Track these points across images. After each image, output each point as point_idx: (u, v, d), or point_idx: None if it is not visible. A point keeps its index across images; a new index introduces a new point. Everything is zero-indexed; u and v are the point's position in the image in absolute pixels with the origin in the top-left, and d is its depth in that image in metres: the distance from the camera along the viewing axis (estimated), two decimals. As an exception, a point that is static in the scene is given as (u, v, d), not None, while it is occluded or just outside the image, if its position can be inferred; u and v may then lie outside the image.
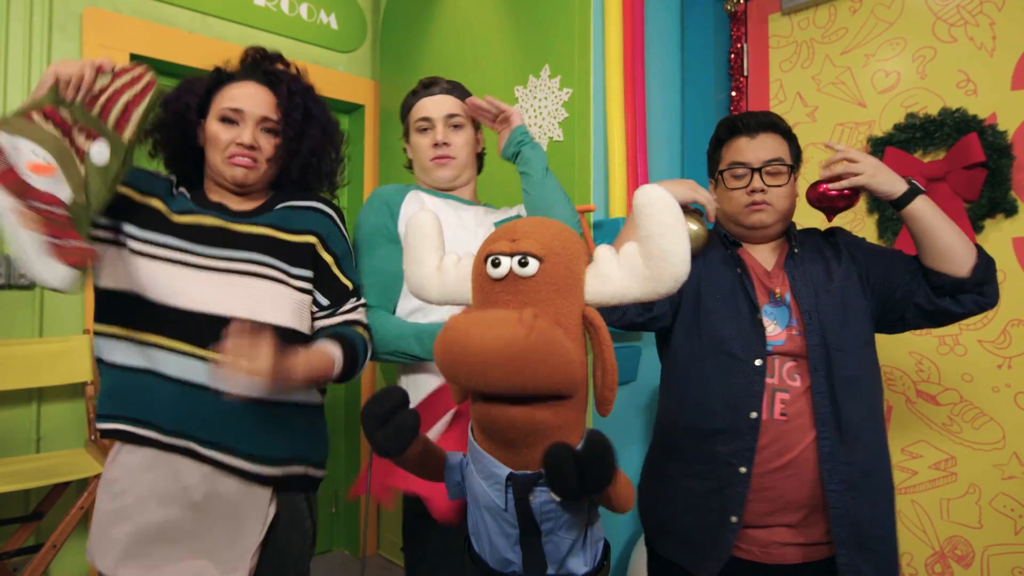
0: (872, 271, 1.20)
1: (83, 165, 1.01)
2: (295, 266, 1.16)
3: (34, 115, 0.99)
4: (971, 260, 1.11)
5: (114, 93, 1.05)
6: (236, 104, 1.15)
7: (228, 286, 1.09)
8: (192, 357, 1.06)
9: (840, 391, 1.11)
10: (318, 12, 2.79)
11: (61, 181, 0.98)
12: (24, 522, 2.01)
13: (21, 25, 2.11)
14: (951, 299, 1.13)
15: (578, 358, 0.65)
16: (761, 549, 1.15)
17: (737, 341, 1.17)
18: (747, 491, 1.13)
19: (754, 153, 1.20)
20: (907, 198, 1.12)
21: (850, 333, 1.14)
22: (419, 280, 0.77)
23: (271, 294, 1.12)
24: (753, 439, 1.13)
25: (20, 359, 2.03)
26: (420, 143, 1.38)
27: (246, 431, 1.08)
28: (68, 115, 1.02)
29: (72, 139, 1.02)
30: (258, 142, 1.16)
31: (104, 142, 1.03)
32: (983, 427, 1.73)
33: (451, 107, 1.37)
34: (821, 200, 1.21)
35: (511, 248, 0.67)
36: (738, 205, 1.22)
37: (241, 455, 1.08)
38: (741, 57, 2.23)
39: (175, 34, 2.39)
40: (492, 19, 2.28)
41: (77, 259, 0.95)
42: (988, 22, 1.75)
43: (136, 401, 1.08)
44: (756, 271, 1.23)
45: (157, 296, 1.07)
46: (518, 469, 0.69)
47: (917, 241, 1.14)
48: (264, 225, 1.16)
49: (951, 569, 1.77)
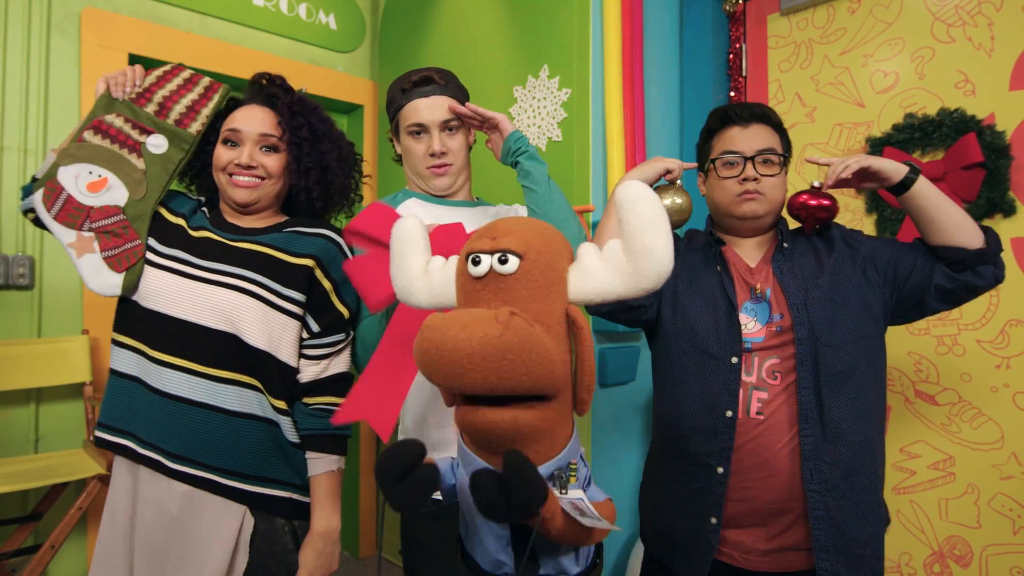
0: (878, 260, 1.17)
1: (141, 159, 1.19)
2: (287, 287, 1.14)
3: (85, 134, 1.17)
4: (980, 232, 1.11)
5: (172, 94, 1.23)
6: (234, 125, 1.19)
7: (211, 298, 1.10)
8: (173, 368, 1.09)
9: (826, 387, 1.10)
10: (317, 12, 2.79)
11: (116, 185, 1.16)
12: (23, 522, 2.01)
13: (19, 25, 2.11)
14: (972, 272, 1.11)
15: (558, 357, 0.64)
16: (742, 554, 1.13)
17: (713, 339, 1.16)
18: (725, 492, 1.12)
19: (747, 142, 1.19)
20: (911, 179, 1.11)
21: (840, 327, 1.13)
22: (406, 285, 0.76)
23: (250, 310, 1.11)
24: (729, 438, 1.12)
25: (19, 359, 2.03)
26: (414, 148, 1.32)
27: (219, 445, 1.09)
28: (116, 119, 1.19)
29: (126, 139, 1.19)
30: (258, 160, 1.17)
31: (161, 135, 1.20)
32: (982, 427, 1.74)
33: (446, 112, 1.29)
34: (801, 210, 1.19)
35: (491, 246, 0.67)
36: (730, 195, 1.20)
37: (213, 469, 1.08)
38: (740, 57, 2.23)
39: (174, 34, 2.39)
40: (491, 19, 2.28)
41: (125, 262, 1.13)
42: (986, 22, 1.76)
43: (124, 411, 1.12)
44: (738, 267, 1.22)
45: (149, 302, 1.12)
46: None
47: (927, 220, 1.12)
48: (264, 244, 1.17)
49: (950, 569, 1.77)
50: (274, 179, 1.20)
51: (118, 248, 1.12)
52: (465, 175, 1.38)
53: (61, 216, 1.13)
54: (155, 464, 1.08)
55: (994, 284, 1.13)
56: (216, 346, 1.09)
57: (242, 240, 1.17)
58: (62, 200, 1.13)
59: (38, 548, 1.88)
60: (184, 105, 1.21)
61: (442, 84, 1.30)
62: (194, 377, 1.09)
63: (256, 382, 1.12)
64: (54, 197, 1.13)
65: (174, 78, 1.24)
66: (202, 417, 1.08)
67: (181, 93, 1.23)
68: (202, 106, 1.22)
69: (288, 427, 1.14)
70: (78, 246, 1.12)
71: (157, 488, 1.09)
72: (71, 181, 1.14)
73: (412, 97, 1.30)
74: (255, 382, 1.12)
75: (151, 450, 1.09)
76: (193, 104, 1.22)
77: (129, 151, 1.18)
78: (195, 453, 1.08)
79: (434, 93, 1.29)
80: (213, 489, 1.09)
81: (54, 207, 1.13)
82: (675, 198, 1.25)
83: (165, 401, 1.09)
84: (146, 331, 1.11)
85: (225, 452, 1.09)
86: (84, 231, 1.13)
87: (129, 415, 1.11)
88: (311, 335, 1.18)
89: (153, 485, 1.09)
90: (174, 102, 1.21)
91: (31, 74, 2.12)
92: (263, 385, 1.12)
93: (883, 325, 1.18)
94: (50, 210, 1.13)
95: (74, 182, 1.14)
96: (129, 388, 1.12)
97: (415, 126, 1.30)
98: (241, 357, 1.10)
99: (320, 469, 1.16)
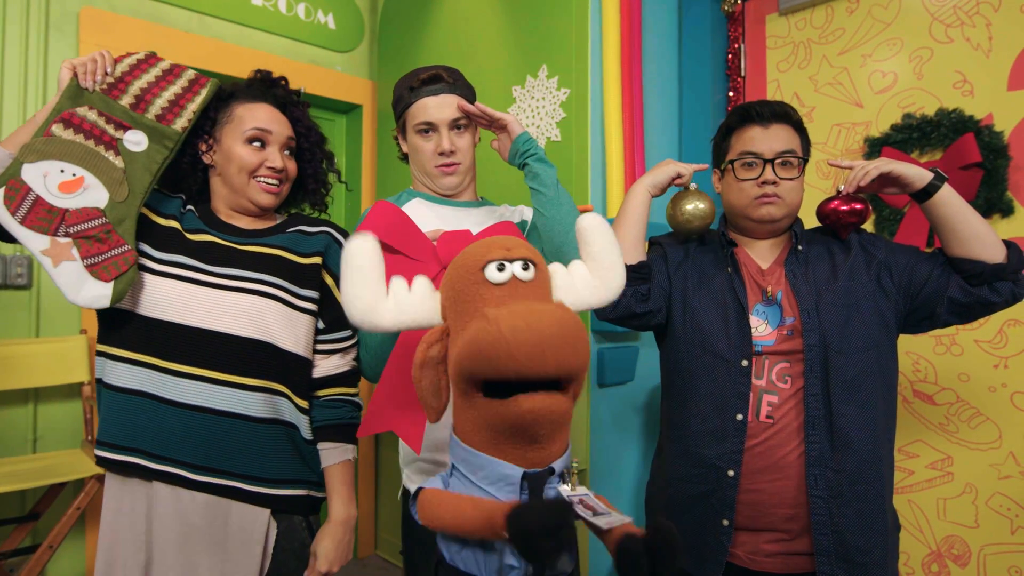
0: (894, 267, 1.15)
1: (119, 156, 1.06)
2: (303, 287, 1.15)
3: (53, 128, 1.03)
4: (1003, 246, 1.08)
5: (150, 86, 1.10)
6: (264, 125, 1.15)
7: (234, 304, 1.08)
8: (191, 378, 1.05)
9: (836, 394, 1.09)
10: (315, 12, 2.79)
11: (94, 186, 1.04)
12: (20, 522, 2.00)
13: (17, 24, 2.10)
14: (988, 287, 1.08)
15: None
16: (749, 555, 1.13)
17: (723, 341, 1.16)
18: (736, 494, 1.12)
19: (767, 143, 1.16)
20: (936, 185, 1.08)
21: (852, 334, 1.11)
22: (366, 308, 0.74)
23: (276, 314, 1.10)
24: (740, 441, 1.11)
25: (17, 359, 2.02)
26: (422, 147, 1.30)
27: (242, 453, 1.07)
28: (89, 112, 1.05)
29: (101, 134, 1.06)
30: (285, 164, 1.17)
31: (139, 131, 1.08)
32: (979, 427, 1.74)
33: (455, 111, 1.28)
34: (831, 216, 1.18)
35: (509, 255, 0.73)
36: (747, 197, 1.18)
37: (238, 476, 1.07)
38: (738, 57, 2.23)
39: (172, 33, 2.38)
40: (490, 19, 2.28)
41: (115, 270, 1.01)
42: (984, 23, 1.76)
43: (127, 427, 1.06)
44: (749, 269, 1.21)
45: (164, 314, 1.06)
46: (529, 468, 0.71)
47: (948, 229, 1.09)
48: (274, 246, 1.15)
49: (948, 568, 1.77)
50: (289, 183, 1.20)
51: (102, 255, 1.02)
52: (472, 175, 1.38)
53: (30, 220, 0.99)
54: (173, 478, 1.05)
55: (1012, 302, 1.10)
56: (243, 353, 1.07)
57: (249, 243, 1.14)
58: (29, 202, 1.00)
59: (36, 548, 1.87)
60: (166, 99, 1.10)
61: (451, 83, 1.29)
62: (215, 386, 1.05)
63: (282, 386, 1.11)
64: (19, 198, 1.00)
65: (151, 68, 1.13)
66: (226, 426, 1.06)
67: (161, 86, 1.11)
68: (187, 101, 1.11)
69: (306, 426, 1.15)
70: (53, 253, 1.00)
71: (177, 502, 1.05)
72: (38, 180, 1.01)
73: (421, 95, 1.28)
74: (281, 386, 1.11)
75: (167, 464, 1.04)
76: (177, 98, 1.11)
77: (105, 148, 1.06)
78: (218, 462, 1.06)
79: (443, 92, 1.28)
80: (237, 496, 1.07)
81: (19, 210, 1.00)
82: (697, 203, 1.22)
83: (184, 412, 1.05)
84: (154, 343, 1.06)
85: (248, 458, 1.07)
86: (59, 236, 1.01)
87: (133, 431, 1.05)
88: (319, 331, 1.19)
89: (171, 500, 1.05)
90: (154, 95, 1.10)
91: (29, 74, 2.11)
92: (291, 387, 1.12)
93: (895, 333, 1.16)
94: (14, 213, 0.99)
95: (42, 181, 1.01)
96: (131, 403, 1.06)
97: (424, 124, 1.28)
98: (273, 363, 1.09)
99: (335, 459, 1.17)
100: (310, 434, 1.16)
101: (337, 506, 1.15)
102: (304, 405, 1.15)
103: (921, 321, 1.16)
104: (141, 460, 1.05)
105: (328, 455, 1.17)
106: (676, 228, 1.23)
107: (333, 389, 1.19)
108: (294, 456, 1.13)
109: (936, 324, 1.15)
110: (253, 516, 1.08)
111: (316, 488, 1.17)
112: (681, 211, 1.22)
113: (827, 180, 2.03)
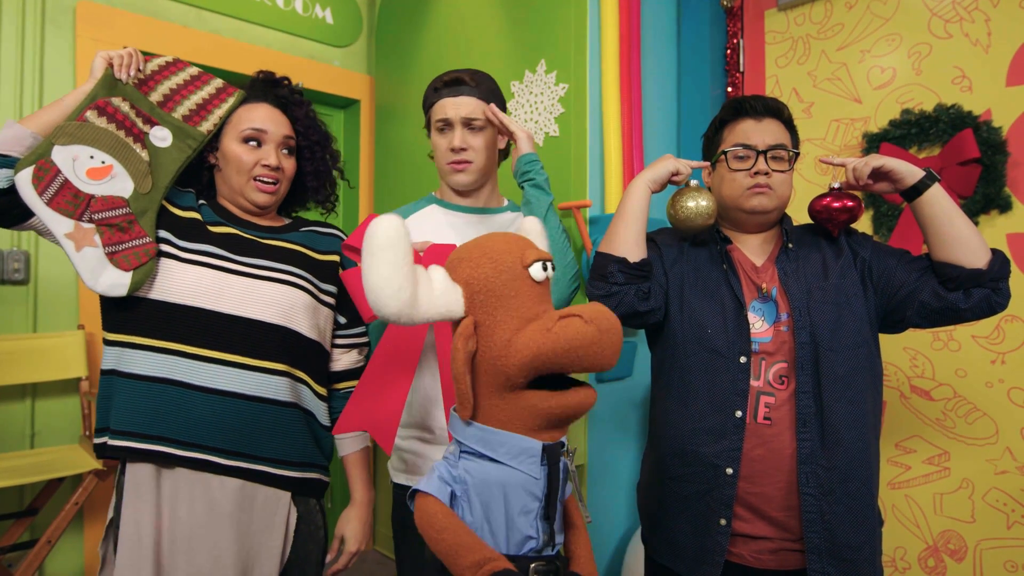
0: (875, 267, 1.16)
1: (145, 150, 1.10)
2: (323, 282, 1.21)
3: (88, 114, 1.05)
4: (987, 252, 1.07)
5: (179, 87, 1.17)
6: (259, 125, 1.17)
7: (264, 292, 1.11)
8: (220, 363, 1.06)
9: (827, 392, 1.09)
10: (313, 6, 2.78)
11: (121, 175, 1.06)
12: (19, 518, 2.01)
13: (14, 19, 2.09)
14: (963, 293, 1.08)
15: None
16: (749, 553, 1.13)
17: (721, 337, 1.15)
18: (734, 493, 1.11)
19: (760, 136, 1.18)
20: (926, 183, 1.08)
21: (843, 332, 1.11)
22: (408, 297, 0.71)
23: (303, 304, 1.15)
24: (739, 439, 1.11)
25: (14, 355, 2.02)
26: (439, 144, 1.33)
27: (270, 436, 1.10)
28: (122, 103, 1.08)
29: (131, 126, 1.09)
30: (281, 163, 1.19)
31: (165, 128, 1.13)
32: (976, 422, 1.74)
33: (471, 109, 1.29)
34: (823, 213, 1.18)
35: (543, 256, 0.79)
36: (739, 188, 1.18)
37: (266, 461, 1.09)
38: (737, 53, 2.23)
39: (169, 28, 2.37)
40: (488, 14, 2.27)
41: (135, 260, 1.03)
42: (983, 18, 1.76)
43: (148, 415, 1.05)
44: (744, 265, 1.21)
45: (195, 301, 1.07)
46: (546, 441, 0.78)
47: (934, 231, 1.09)
48: (294, 242, 1.20)
49: (944, 563, 1.78)
50: (287, 182, 1.22)
51: (123, 244, 1.03)
52: (489, 178, 1.38)
53: (56, 202, 1.00)
54: (201, 464, 1.04)
55: (986, 313, 1.09)
56: (269, 339, 1.10)
57: (270, 238, 1.19)
58: (57, 184, 1.00)
59: (34, 543, 1.88)
60: (194, 102, 1.17)
61: (472, 85, 1.32)
62: (245, 371, 1.07)
63: (303, 373, 1.15)
64: (48, 179, 1.00)
65: (179, 71, 1.19)
66: (255, 410, 1.08)
67: (190, 89, 1.18)
68: (215, 106, 1.18)
69: (323, 412, 1.20)
70: (77, 237, 1.01)
71: (206, 488, 1.05)
72: (67, 163, 1.02)
73: (442, 96, 1.32)
74: (302, 373, 1.15)
75: (195, 450, 1.04)
76: (204, 103, 1.17)
77: (134, 140, 1.09)
78: (248, 447, 1.07)
79: (463, 93, 1.31)
80: (265, 480, 1.09)
81: (47, 190, 1.00)
82: (699, 200, 1.18)
83: (213, 398, 1.05)
84: (180, 328, 1.06)
85: (275, 442, 1.10)
86: (84, 222, 1.01)
87: (157, 418, 1.04)
88: (339, 326, 1.26)
89: (199, 485, 1.05)
90: (183, 96, 1.16)
91: (25, 68, 2.11)
92: (310, 374, 1.17)
93: (877, 331, 1.18)
94: (42, 193, 0.99)
95: (71, 165, 1.02)
96: (154, 390, 1.05)
97: (440, 122, 1.32)
98: (296, 350, 1.13)
99: (354, 447, 1.25)
100: (327, 420, 1.21)
101: (360, 489, 1.25)
102: (322, 392, 1.20)
103: (896, 323, 1.17)
104: (165, 448, 1.04)
105: (347, 444, 1.25)
106: (677, 226, 1.21)
107: (352, 382, 1.26)
108: (310, 440, 1.16)
109: (906, 325, 1.16)
110: (276, 499, 1.11)
111: (325, 472, 1.21)
112: (682, 209, 1.19)
113: (825, 176, 2.02)
